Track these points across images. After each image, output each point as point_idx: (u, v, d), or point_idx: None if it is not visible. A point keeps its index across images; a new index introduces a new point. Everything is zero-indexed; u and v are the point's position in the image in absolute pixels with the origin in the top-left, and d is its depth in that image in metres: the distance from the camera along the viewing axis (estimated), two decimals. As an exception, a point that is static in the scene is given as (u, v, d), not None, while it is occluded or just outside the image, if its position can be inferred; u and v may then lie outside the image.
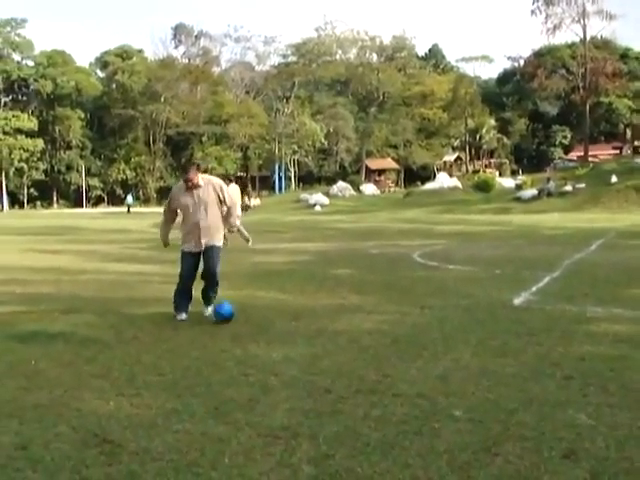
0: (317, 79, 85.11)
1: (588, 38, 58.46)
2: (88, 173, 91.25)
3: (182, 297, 9.15)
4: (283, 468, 4.31)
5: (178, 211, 9.22)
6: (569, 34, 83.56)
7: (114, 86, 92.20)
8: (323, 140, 79.00)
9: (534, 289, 11.46)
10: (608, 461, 4.45)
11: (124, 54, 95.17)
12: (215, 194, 8.98)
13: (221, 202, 9.05)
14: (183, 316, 9.05)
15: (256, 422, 5.13)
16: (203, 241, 8.98)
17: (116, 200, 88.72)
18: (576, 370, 6.52)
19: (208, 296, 9.33)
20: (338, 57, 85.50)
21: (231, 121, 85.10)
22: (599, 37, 66.65)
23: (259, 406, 5.53)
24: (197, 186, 8.91)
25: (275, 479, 4.18)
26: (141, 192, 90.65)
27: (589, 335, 8.02)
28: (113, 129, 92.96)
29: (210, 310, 9.19)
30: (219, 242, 9.20)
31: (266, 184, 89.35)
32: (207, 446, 4.67)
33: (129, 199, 70.08)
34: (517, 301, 10.32)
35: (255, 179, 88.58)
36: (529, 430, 4.99)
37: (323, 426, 5.10)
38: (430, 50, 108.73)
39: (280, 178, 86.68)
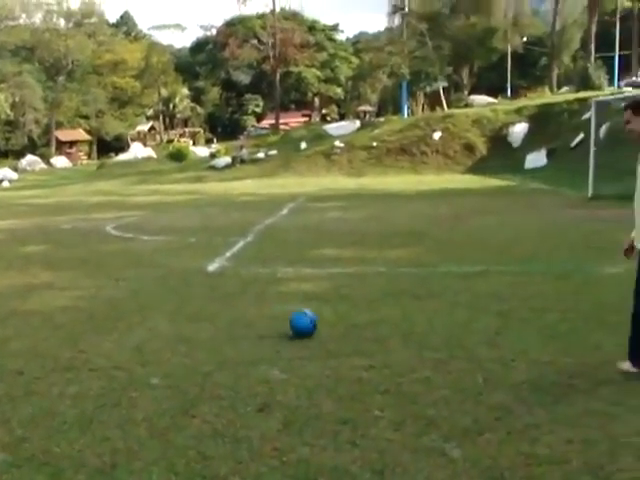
0: (0, 45, 79.47)
1: (278, 9, 60.49)
2: None
3: None
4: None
5: None
6: (260, 4, 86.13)
7: None
8: (8, 111, 74.11)
9: (228, 255, 11.77)
10: (299, 410, 4.78)
11: None
12: None
13: None
14: None
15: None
16: None
17: None
18: (268, 328, 6.85)
19: None
20: (22, 21, 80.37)
21: None
22: (288, 9, 69.34)
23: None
24: None
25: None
26: None
27: (280, 295, 8.44)
28: None
29: None
30: None
31: None
32: None
33: None
34: (211, 267, 10.56)
35: None
36: (225, 390, 5.19)
37: (16, 410, 4.92)
38: (122, 17, 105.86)
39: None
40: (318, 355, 5.97)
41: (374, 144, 39.24)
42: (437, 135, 38.52)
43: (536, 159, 33.90)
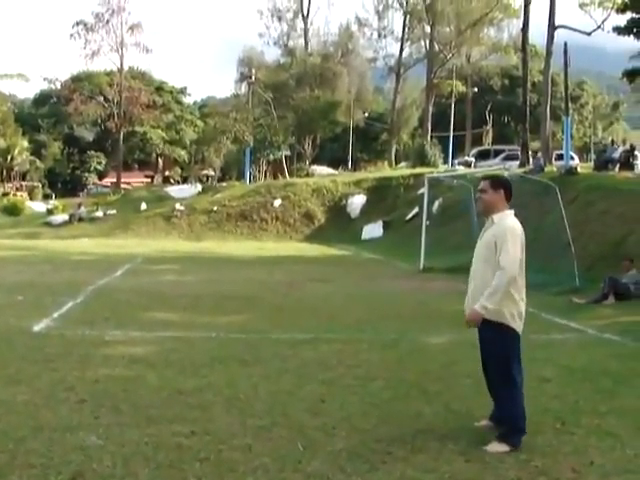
0: None
1: (126, 68, 59.99)
2: None
3: None
4: None
5: None
6: (108, 62, 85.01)
7: None
8: None
9: (55, 315, 11.36)
10: (113, 479, 4.62)
11: None
12: None
13: None
14: None
15: None
16: None
17: None
18: (90, 393, 6.65)
19: None
20: None
21: None
22: (136, 68, 68.79)
23: None
24: None
25: None
26: None
27: (106, 358, 8.21)
28: None
29: None
30: None
31: None
32: None
33: None
34: (37, 327, 10.16)
35: None
36: (37, 457, 4.98)
37: None
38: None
39: None
40: (139, 421, 5.83)
41: (215, 208, 39.30)
42: (277, 202, 39.07)
43: (372, 230, 34.99)
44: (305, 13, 62.21)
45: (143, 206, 41.43)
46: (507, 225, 5.54)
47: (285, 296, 14.60)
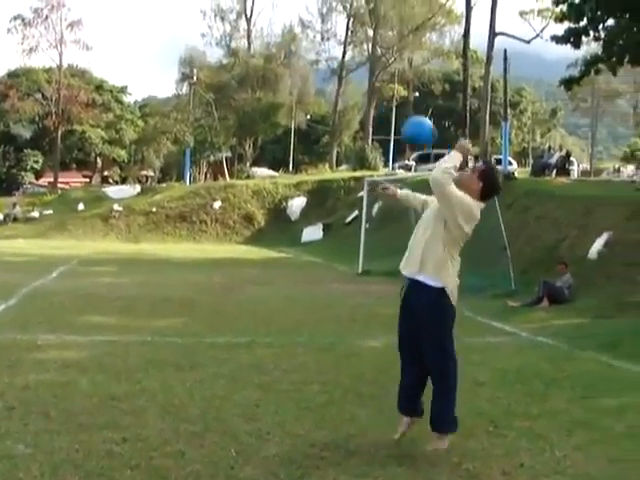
0: None
1: (65, 65, 58.97)
2: None
3: None
4: None
5: None
6: (46, 58, 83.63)
7: None
8: None
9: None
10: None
11: None
12: None
13: None
14: None
15: None
16: None
17: None
18: (19, 399, 6.50)
19: None
20: None
21: None
22: (75, 66, 67.70)
23: None
24: None
25: None
26: None
27: (37, 363, 8.04)
28: None
29: None
30: None
31: None
32: None
33: None
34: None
35: None
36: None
37: None
38: None
39: None
40: (69, 428, 5.71)
41: (154, 210, 38.92)
42: (217, 204, 38.87)
43: (312, 233, 35.04)
44: (248, 14, 62.01)
45: (80, 206, 40.84)
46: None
47: (223, 299, 14.51)
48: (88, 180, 73.65)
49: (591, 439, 5.87)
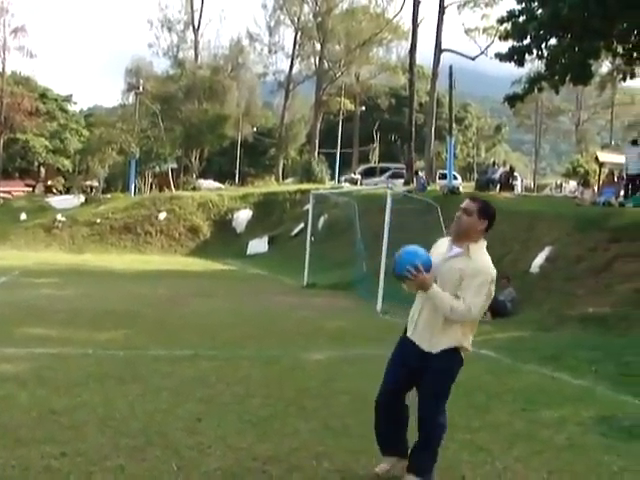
0: None
1: (8, 72, 58.11)
2: None
3: None
4: None
5: None
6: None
7: None
8: None
9: None
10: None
11: None
12: None
13: None
14: None
15: None
16: None
17: None
18: (-46, 414, 6.35)
19: None
20: None
21: None
22: (19, 73, 66.65)
23: None
24: None
25: None
26: None
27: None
28: None
29: None
30: None
31: None
32: None
33: None
34: None
35: None
36: None
37: None
38: None
39: None
40: (6, 443, 5.60)
41: (98, 220, 38.40)
42: (162, 216, 38.54)
43: (258, 245, 34.96)
44: (196, 25, 61.67)
45: (23, 216, 40.11)
46: (485, 266, 5.28)
47: (167, 311, 14.37)
48: (31, 189, 72.35)
49: (532, 451, 5.97)
